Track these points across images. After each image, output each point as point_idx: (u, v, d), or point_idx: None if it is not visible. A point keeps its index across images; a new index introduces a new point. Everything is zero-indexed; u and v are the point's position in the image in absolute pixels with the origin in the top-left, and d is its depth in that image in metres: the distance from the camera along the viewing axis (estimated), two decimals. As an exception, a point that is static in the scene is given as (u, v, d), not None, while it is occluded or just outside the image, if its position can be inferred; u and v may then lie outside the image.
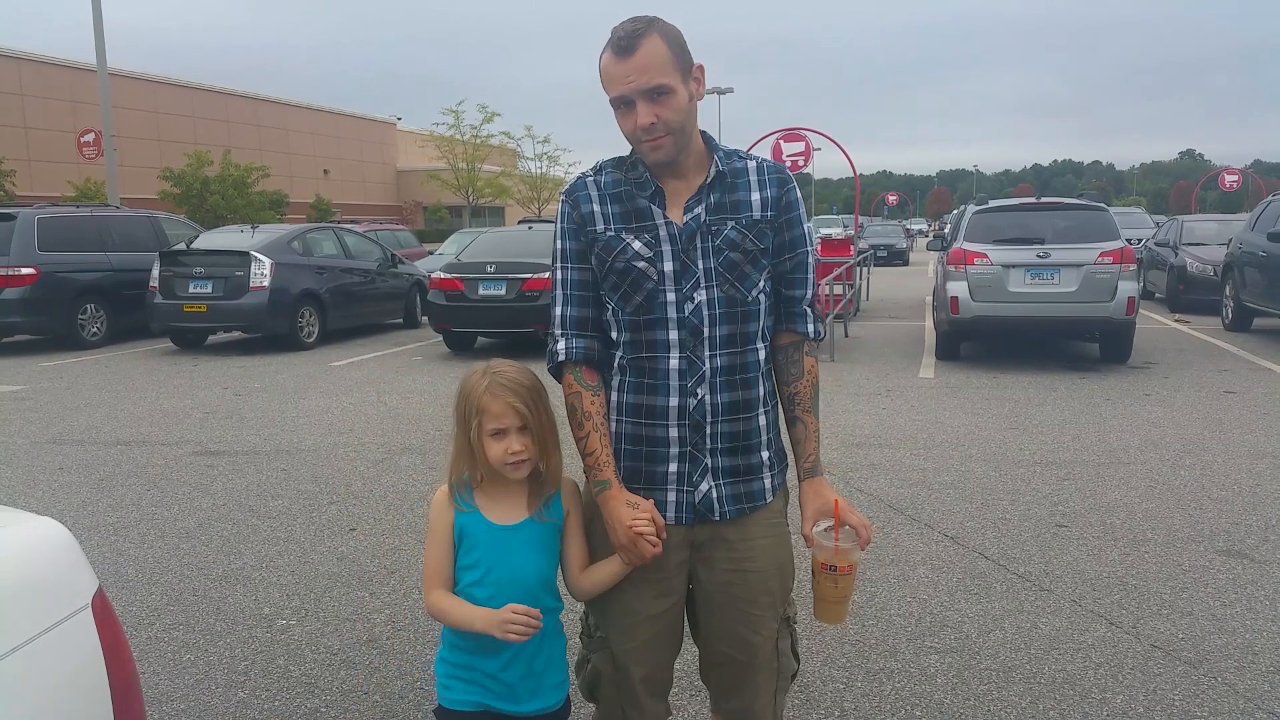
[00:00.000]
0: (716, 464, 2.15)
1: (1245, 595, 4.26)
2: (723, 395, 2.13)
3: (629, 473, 2.17)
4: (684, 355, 2.11)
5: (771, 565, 2.21)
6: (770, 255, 2.17)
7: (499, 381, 2.07)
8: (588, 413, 2.14)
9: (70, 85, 37.96)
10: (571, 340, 2.17)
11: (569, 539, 2.21)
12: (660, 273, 2.10)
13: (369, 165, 56.29)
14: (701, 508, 2.15)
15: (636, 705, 2.25)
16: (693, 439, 2.13)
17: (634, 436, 2.16)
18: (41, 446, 7.51)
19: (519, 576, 2.11)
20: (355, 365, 11.86)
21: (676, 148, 2.06)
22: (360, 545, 5.09)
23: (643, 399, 2.14)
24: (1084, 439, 7.24)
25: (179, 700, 3.49)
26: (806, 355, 2.26)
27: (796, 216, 2.20)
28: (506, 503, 2.14)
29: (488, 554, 2.11)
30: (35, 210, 13.64)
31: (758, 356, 2.17)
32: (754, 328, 2.16)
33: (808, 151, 17.30)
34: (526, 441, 2.07)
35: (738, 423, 2.15)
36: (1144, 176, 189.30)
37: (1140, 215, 26.53)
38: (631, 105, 2.02)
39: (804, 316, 2.24)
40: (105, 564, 4.85)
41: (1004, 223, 11.09)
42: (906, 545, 4.95)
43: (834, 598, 2.19)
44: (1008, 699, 3.40)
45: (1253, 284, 12.82)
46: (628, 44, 1.98)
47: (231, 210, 32.71)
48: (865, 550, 2.22)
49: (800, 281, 2.23)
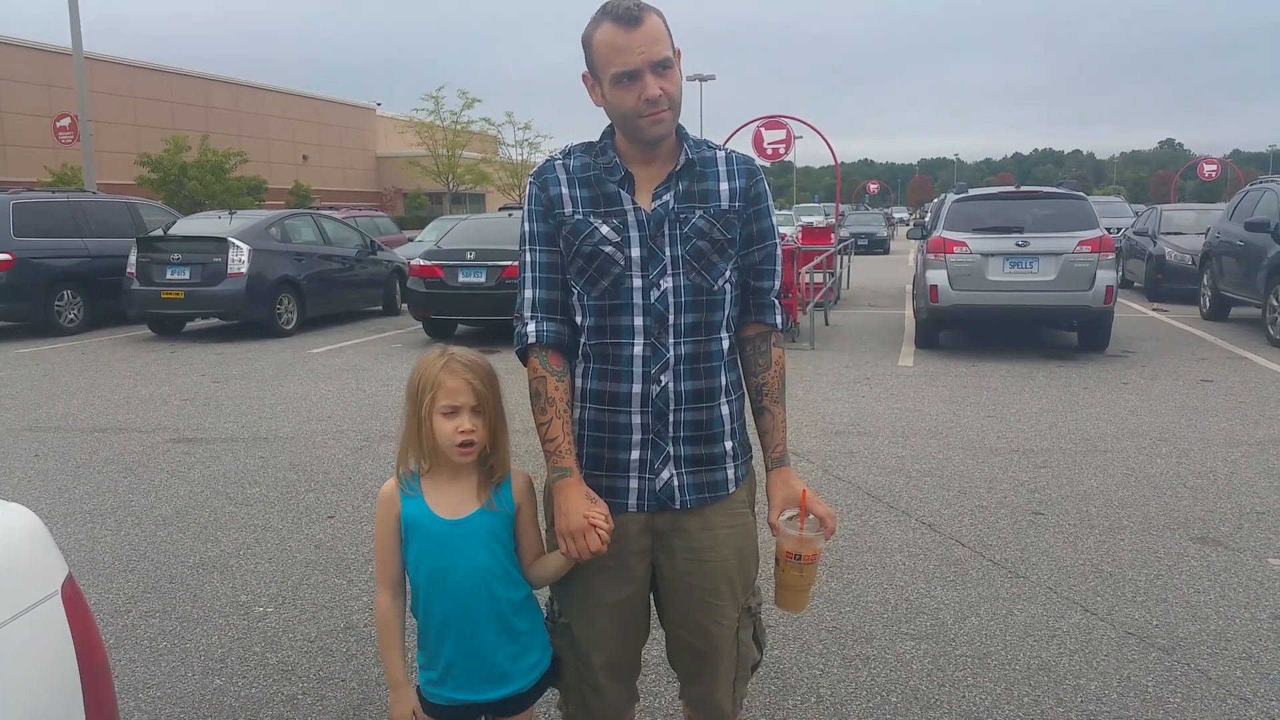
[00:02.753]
0: (679, 452, 2.14)
1: (1219, 582, 4.30)
2: (686, 383, 2.12)
3: (591, 459, 2.17)
4: (648, 342, 2.10)
5: (732, 555, 2.20)
6: (738, 246, 2.17)
7: (457, 360, 2.08)
8: (551, 398, 2.12)
9: (46, 69, 37.49)
10: (541, 323, 2.16)
11: (523, 529, 2.20)
12: (627, 258, 2.10)
13: (348, 151, 55.91)
14: (662, 495, 2.14)
15: (598, 691, 2.25)
16: (655, 426, 2.12)
17: (597, 423, 2.15)
18: (17, 434, 7.44)
19: (466, 569, 2.10)
20: (334, 352, 11.81)
21: (673, 123, 2.07)
22: (338, 533, 5.07)
23: (606, 385, 2.13)
24: (1061, 427, 7.29)
25: (155, 688, 3.47)
26: (774, 346, 2.27)
27: (765, 208, 2.21)
28: (454, 494, 2.13)
29: (433, 550, 2.10)
30: (11, 195, 13.51)
31: (721, 346, 2.17)
32: (719, 317, 2.16)
33: (789, 139, 17.27)
34: (478, 423, 2.07)
35: (700, 411, 2.15)
36: (1124, 165, 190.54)
37: (1120, 204, 26.68)
38: (636, 79, 2.00)
39: (772, 308, 2.25)
40: (81, 551, 4.82)
41: (984, 211, 11.12)
42: (884, 532, 4.97)
43: (796, 586, 2.21)
44: (983, 685, 3.42)
45: (1230, 273, 12.92)
46: (633, 16, 1.98)
47: (209, 196, 32.46)
48: (839, 538, 2.24)
49: (769, 273, 2.24)
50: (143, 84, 42.62)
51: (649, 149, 2.11)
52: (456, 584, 2.10)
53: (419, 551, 2.11)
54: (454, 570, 2.10)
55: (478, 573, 2.10)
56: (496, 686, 2.16)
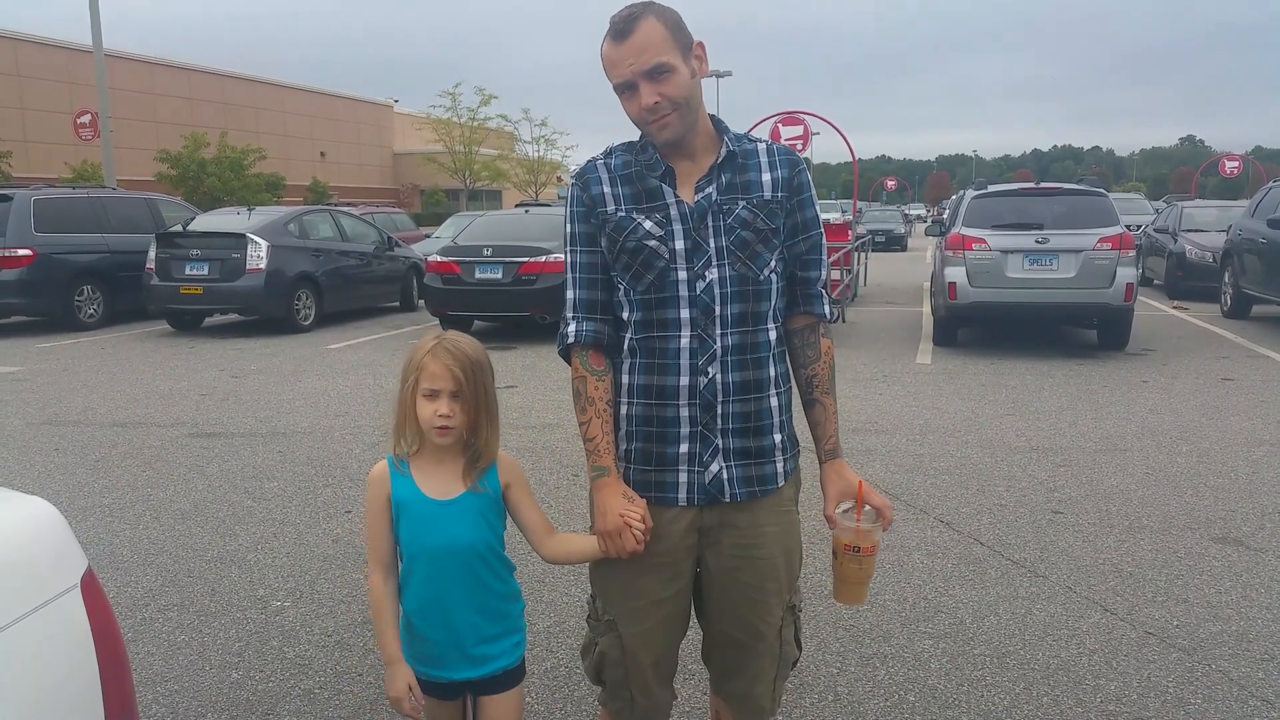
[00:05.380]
0: (727, 445, 2.14)
1: (1240, 583, 4.26)
2: (734, 374, 2.12)
3: (640, 454, 2.17)
4: (694, 334, 2.10)
5: (779, 552, 2.21)
6: (782, 236, 2.17)
7: (444, 346, 2.12)
8: (591, 398, 2.14)
9: (67, 66, 37.72)
10: (582, 323, 2.17)
11: (520, 509, 2.25)
12: (671, 251, 2.10)
13: (366, 148, 56.06)
14: (712, 488, 2.14)
15: (646, 690, 2.25)
16: (703, 419, 2.12)
17: (645, 418, 2.16)
18: (37, 428, 7.49)
19: (453, 548, 2.15)
20: (351, 348, 11.84)
21: (683, 125, 2.06)
22: (355, 527, 5.08)
23: (653, 379, 2.13)
24: (1081, 425, 7.24)
25: (173, 681, 3.49)
26: (822, 337, 2.26)
27: (809, 198, 2.20)
28: (441, 476, 2.18)
29: (422, 528, 2.16)
30: (32, 191, 13.60)
31: (769, 337, 2.17)
32: (765, 307, 2.15)
33: (806, 135, 17.23)
34: (456, 408, 2.10)
35: (749, 403, 2.14)
36: (1144, 162, 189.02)
37: (1140, 201, 26.47)
38: (634, 89, 2.02)
39: (819, 298, 2.25)
40: (100, 545, 4.84)
41: (1003, 208, 11.05)
42: (902, 531, 4.95)
43: (856, 579, 2.21)
44: (1001, 684, 3.40)
45: (1252, 271, 12.80)
46: (624, 28, 2.00)
47: (228, 192, 32.61)
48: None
49: (815, 263, 2.23)
50: (162, 81, 42.84)
51: (679, 147, 2.10)
52: (443, 563, 2.15)
53: (408, 530, 2.17)
54: (441, 549, 2.15)
55: (465, 552, 2.16)
56: (477, 666, 2.21)
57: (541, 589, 4.21)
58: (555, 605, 4.07)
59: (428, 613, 2.18)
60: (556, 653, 3.64)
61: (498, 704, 2.25)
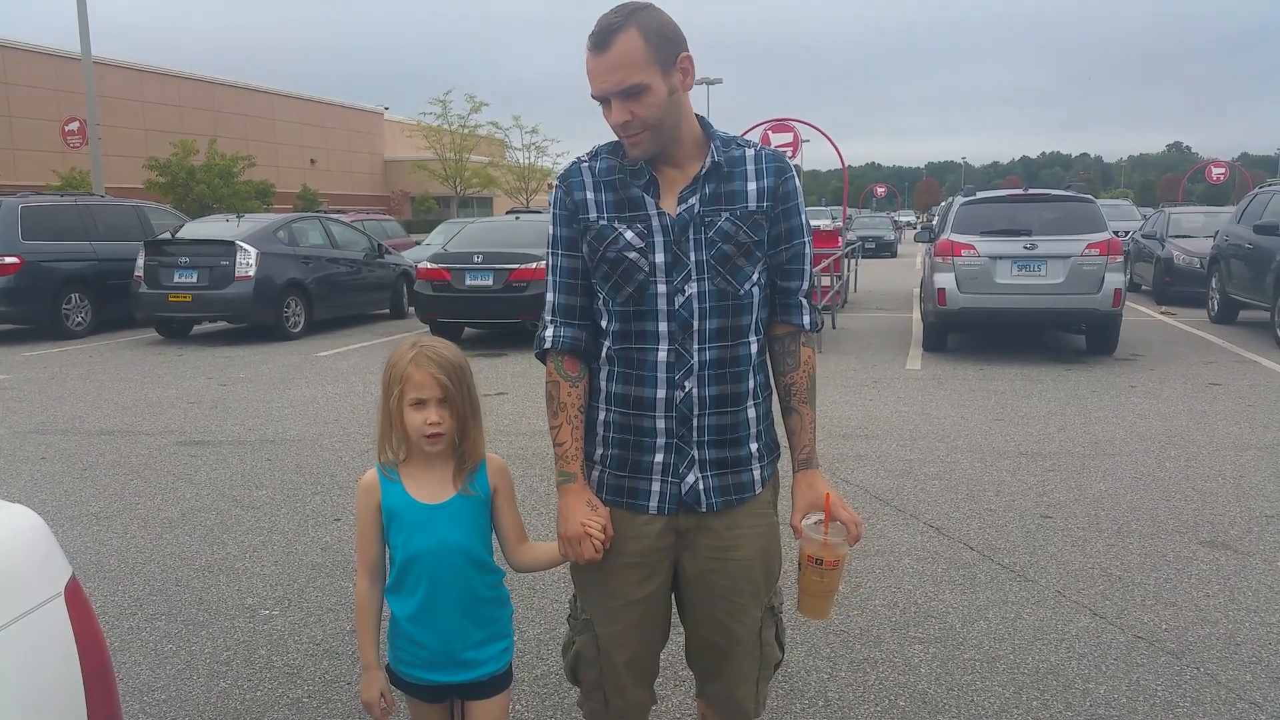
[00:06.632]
0: (703, 456, 2.13)
1: (1228, 586, 4.27)
2: (710, 388, 2.11)
3: (615, 460, 2.17)
4: (672, 348, 2.09)
5: (756, 554, 2.19)
6: (765, 247, 2.14)
7: (425, 354, 2.12)
8: (563, 403, 2.14)
9: (55, 73, 37.57)
10: (560, 329, 2.16)
11: (501, 513, 2.26)
12: (651, 264, 2.08)
13: (356, 155, 55.98)
14: (688, 499, 2.13)
15: (620, 690, 2.24)
16: (679, 431, 2.11)
17: (621, 425, 2.15)
18: (24, 436, 7.46)
19: (444, 551, 2.16)
20: (341, 355, 11.81)
21: (655, 143, 2.04)
22: (344, 535, 5.06)
23: (630, 390, 2.12)
24: (1069, 430, 7.26)
25: (160, 690, 3.47)
26: (803, 346, 2.23)
27: (794, 206, 2.16)
28: (431, 481, 2.18)
29: (413, 533, 2.16)
30: (19, 199, 13.55)
31: (749, 350, 2.15)
32: (746, 321, 2.13)
33: (796, 143, 17.28)
34: (445, 414, 2.11)
35: (725, 415, 2.13)
36: (1131, 169, 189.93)
37: (1128, 207, 26.62)
38: (606, 104, 2.01)
39: (800, 308, 2.21)
40: (87, 554, 4.82)
41: (991, 214, 11.09)
42: (892, 536, 4.95)
43: (818, 592, 2.16)
44: (991, 689, 3.40)
45: (1238, 276, 12.87)
46: (601, 40, 1.96)
47: (217, 200, 32.49)
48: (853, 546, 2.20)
49: (797, 273, 2.19)
50: (151, 88, 42.68)
51: (662, 156, 2.09)
52: (435, 566, 2.16)
53: (400, 536, 2.17)
54: (433, 552, 2.16)
55: (456, 555, 2.17)
56: (466, 670, 2.22)
57: (533, 596, 4.20)
58: (546, 612, 4.07)
59: (419, 617, 2.19)
60: (547, 660, 3.63)
61: (485, 709, 2.26)
